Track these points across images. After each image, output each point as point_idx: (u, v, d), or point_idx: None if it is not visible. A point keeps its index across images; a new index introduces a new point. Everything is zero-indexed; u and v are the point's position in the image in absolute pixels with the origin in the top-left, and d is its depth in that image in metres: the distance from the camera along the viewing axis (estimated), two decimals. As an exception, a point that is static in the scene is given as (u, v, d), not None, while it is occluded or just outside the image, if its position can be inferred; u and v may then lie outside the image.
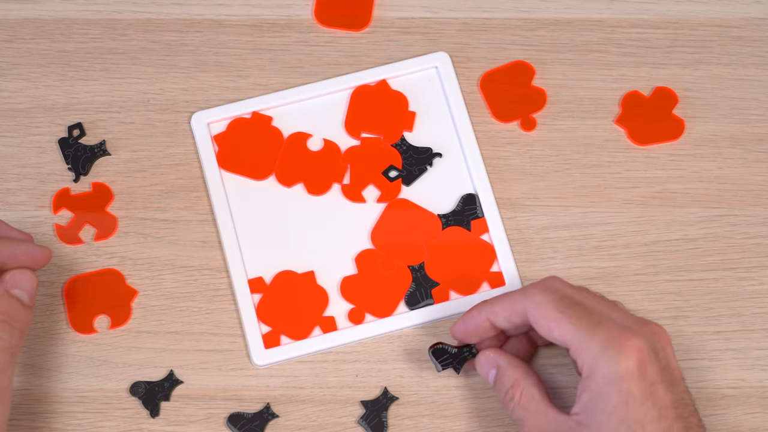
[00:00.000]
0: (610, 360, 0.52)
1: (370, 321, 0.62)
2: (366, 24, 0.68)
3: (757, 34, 0.68)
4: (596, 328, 0.53)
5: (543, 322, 0.55)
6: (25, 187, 0.64)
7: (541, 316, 0.55)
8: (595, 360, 0.53)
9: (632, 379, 0.52)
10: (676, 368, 0.54)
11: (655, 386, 0.52)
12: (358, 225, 0.64)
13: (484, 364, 0.58)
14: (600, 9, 0.69)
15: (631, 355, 0.52)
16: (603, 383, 0.52)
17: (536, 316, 0.55)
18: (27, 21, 0.67)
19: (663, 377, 0.53)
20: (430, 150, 0.65)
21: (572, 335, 0.53)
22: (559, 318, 0.54)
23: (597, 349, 0.53)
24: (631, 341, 0.52)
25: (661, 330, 0.55)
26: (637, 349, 0.52)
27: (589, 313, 0.54)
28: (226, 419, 0.60)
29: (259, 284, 0.62)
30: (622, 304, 0.59)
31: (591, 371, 0.53)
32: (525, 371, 0.57)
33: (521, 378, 0.57)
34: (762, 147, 0.66)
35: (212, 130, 0.65)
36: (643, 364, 0.52)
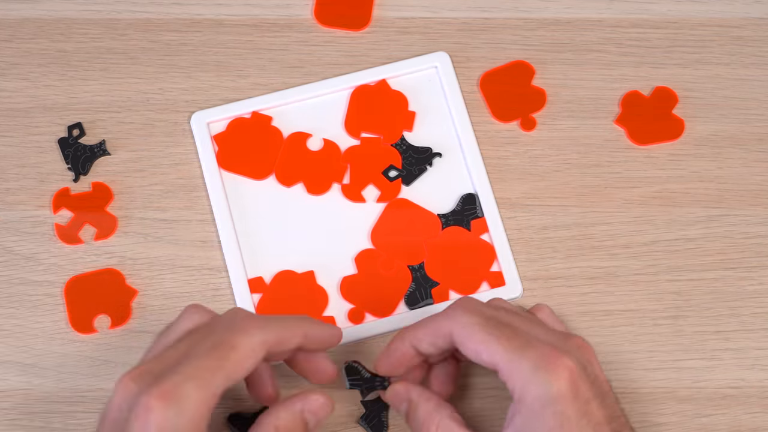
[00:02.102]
0: (542, 382, 0.51)
1: (370, 321, 0.62)
2: (366, 24, 0.68)
3: (757, 34, 0.68)
4: (525, 349, 0.52)
5: (470, 344, 0.53)
6: (25, 186, 0.64)
7: (468, 338, 0.53)
8: (526, 383, 0.51)
9: (566, 400, 0.51)
10: (604, 380, 0.53)
11: (588, 404, 0.51)
12: (358, 225, 0.64)
13: (394, 398, 0.57)
14: (600, 9, 0.69)
15: (563, 376, 0.51)
16: (536, 406, 0.51)
17: (463, 339, 0.53)
18: (27, 21, 0.67)
19: (595, 393, 0.52)
20: (429, 150, 0.65)
21: (501, 357, 0.52)
22: (487, 340, 0.52)
23: (528, 372, 0.51)
24: (560, 361, 0.51)
25: (584, 343, 0.54)
26: (567, 368, 0.51)
27: (517, 333, 0.53)
28: (226, 419, 0.60)
29: (258, 284, 0.62)
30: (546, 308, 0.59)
31: (523, 394, 0.51)
32: (437, 404, 0.56)
33: (434, 411, 0.55)
34: (762, 147, 0.66)
35: (212, 129, 0.65)
36: (575, 383, 0.51)
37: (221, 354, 0.50)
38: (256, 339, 0.51)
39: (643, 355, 0.62)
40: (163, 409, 0.48)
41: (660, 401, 0.61)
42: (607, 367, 0.61)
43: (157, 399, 0.48)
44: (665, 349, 0.62)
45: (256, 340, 0.51)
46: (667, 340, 0.62)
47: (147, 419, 0.48)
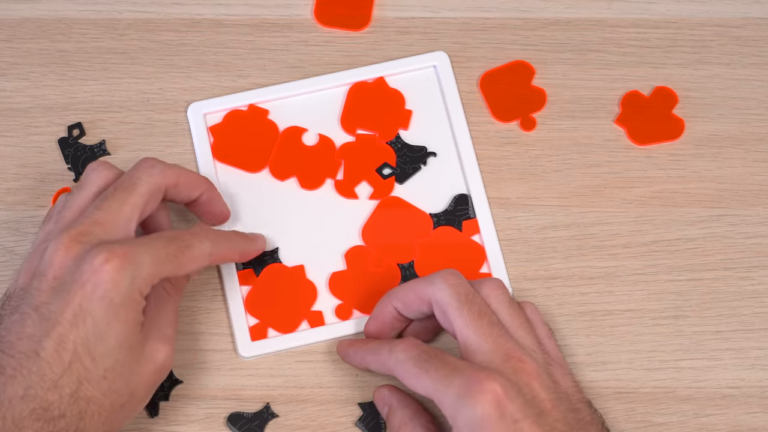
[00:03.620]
0: (466, 407, 0.51)
1: (358, 317, 0.62)
2: (366, 24, 0.68)
3: (757, 34, 0.68)
4: (452, 377, 0.52)
5: (406, 379, 0.54)
6: (25, 186, 0.64)
7: (404, 374, 0.54)
8: (454, 409, 0.52)
9: (492, 422, 0.51)
10: (545, 399, 0.53)
11: (517, 424, 0.51)
12: (350, 221, 0.64)
13: (378, 401, 0.59)
14: (600, 9, 0.69)
15: (486, 399, 0.51)
16: (465, 430, 0.52)
17: (400, 374, 0.55)
18: (27, 21, 0.67)
19: (527, 413, 0.52)
20: (424, 149, 0.65)
21: (432, 389, 0.53)
22: (418, 374, 0.54)
23: (454, 399, 0.52)
24: (484, 384, 0.51)
25: (526, 365, 0.54)
26: (491, 391, 0.51)
27: (445, 363, 0.53)
28: (226, 419, 0.60)
29: (248, 276, 0.62)
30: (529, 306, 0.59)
31: (454, 421, 0.52)
32: (414, 412, 0.57)
33: (409, 420, 0.57)
34: (762, 147, 0.66)
35: (208, 121, 0.65)
36: (500, 404, 0.51)
37: (177, 245, 0.54)
38: (206, 247, 0.56)
39: (643, 355, 0.62)
40: (120, 268, 0.51)
41: (660, 401, 0.61)
42: (608, 367, 0.61)
43: (117, 257, 0.52)
44: (665, 349, 0.62)
45: (206, 249, 0.56)
46: (667, 340, 0.62)
47: (102, 273, 0.51)
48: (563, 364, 0.57)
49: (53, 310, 0.52)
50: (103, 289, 0.51)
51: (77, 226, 0.54)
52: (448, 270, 0.57)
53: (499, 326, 0.55)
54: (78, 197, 0.57)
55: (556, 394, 0.54)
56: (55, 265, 0.53)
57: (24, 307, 0.53)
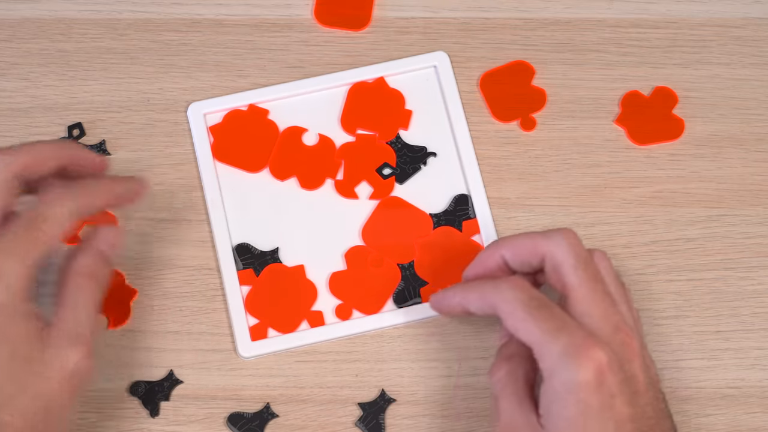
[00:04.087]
0: (568, 367, 0.51)
1: (357, 317, 0.62)
2: (366, 24, 0.68)
3: (757, 34, 0.68)
4: (560, 332, 0.52)
5: (510, 320, 0.54)
6: (25, 186, 0.64)
7: (509, 314, 0.54)
8: (554, 365, 0.52)
9: (589, 389, 0.51)
10: (641, 381, 0.53)
11: (613, 399, 0.51)
12: (350, 221, 0.64)
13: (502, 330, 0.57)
14: (600, 9, 0.69)
15: (590, 366, 0.51)
16: (561, 390, 0.51)
17: (504, 313, 0.54)
18: (27, 21, 0.67)
19: (623, 390, 0.52)
20: (424, 149, 0.65)
21: (536, 338, 0.52)
22: (525, 319, 0.53)
23: (557, 355, 0.52)
24: (591, 351, 0.51)
25: (632, 341, 0.54)
26: (596, 360, 0.51)
27: (554, 315, 0.53)
28: (226, 419, 0.60)
29: (248, 276, 0.62)
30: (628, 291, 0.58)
31: (550, 376, 0.52)
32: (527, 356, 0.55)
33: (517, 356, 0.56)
34: (762, 147, 0.66)
35: (208, 121, 0.65)
36: (602, 375, 0.51)
37: (33, 226, 0.52)
38: (64, 209, 0.53)
39: (643, 355, 0.62)
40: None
41: (660, 401, 0.61)
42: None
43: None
44: (665, 349, 0.62)
45: (66, 210, 0.53)
46: (667, 340, 0.62)
47: None
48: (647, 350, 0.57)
49: None
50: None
51: None
52: (567, 229, 0.56)
53: (611, 296, 0.55)
54: None
55: (649, 378, 0.54)
56: None
57: None
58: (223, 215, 0.63)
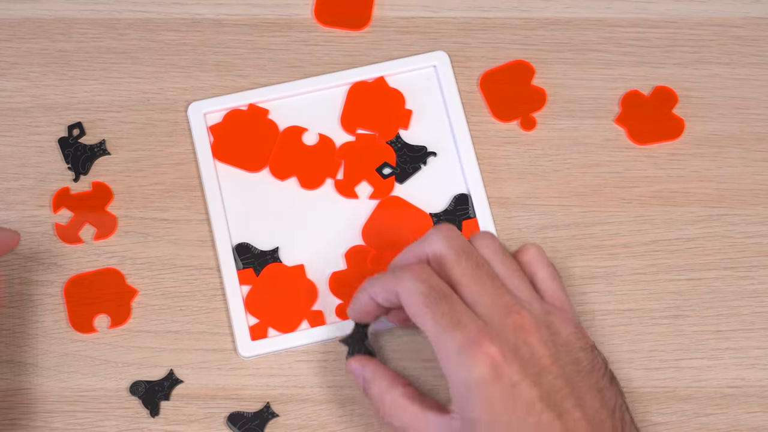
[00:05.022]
0: (464, 366, 0.52)
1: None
2: (366, 23, 0.68)
3: (757, 34, 0.68)
4: (454, 329, 0.52)
5: (410, 310, 0.54)
6: (25, 186, 0.64)
7: (409, 304, 0.54)
8: (451, 365, 0.52)
9: (488, 385, 0.51)
10: (544, 355, 0.53)
11: (515, 387, 0.52)
12: (350, 221, 0.64)
13: (352, 373, 0.58)
14: (600, 9, 0.69)
15: (484, 362, 0.51)
16: (462, 389, 0.52)
17: (405, 303, 0.55)
18: (27, 21, 0.67)
19: (525, 374, 0.52)
20: (424, 149, 0.65)
21: (432, 334, 0.53)
22: (423, 312, 0.53)
23: (453, 354, 0.52)
24: (483, 347, 0.52)
25: (525, 320, 0.53)
26: (489, 355, 0.52)
27: (452, 310, 0.53)
28: (226, 418, 0.60)
29: (248, 276, 0.62)
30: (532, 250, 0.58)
31: (449, 375, 0.53)
32: (390, 382, 0.56)
33: (386, 390, 0.56)
34: (762, 147, 0.66)
35: (208, 120, 0.65)
36: (498, 368, 0.51)
37: None
38: None
39: (643, 355, 0.62)
40: None
41: (660, 401, 0.61)
42: (607, 367, 0.61)
43: None
44: (665, 348, 0.62)
45: None
46: (667, 340, 0.62)
47: None
48: (565, 308, 0.57)
49: None
50: None
51: None
52: (443, 224, 0.57)
53: (497, 278, 0.55)
54: None
55: (555, 347, 0.54)
56: None
57: None
58: (223, 215, 0.63)
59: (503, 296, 0.54)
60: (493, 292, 0.54)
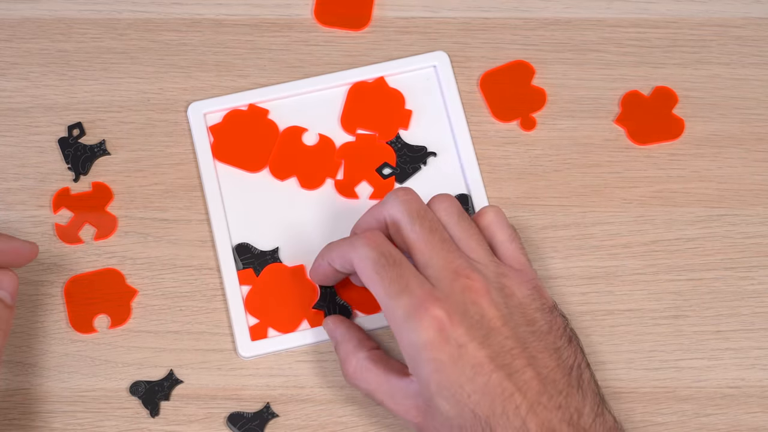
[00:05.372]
0: (411, 330, 0.53)
1: (358, 317, 0.62)
2: (366, 24, 0.68)
3: (757, 34, 0.68)
4: (401, 295, 0.53)
5: (362, 277, 0.55)
6: (25, 186, 0.64)
7: (361, 271, 0.55)
8: (399, 329, 0.53)
9: (435, 347, 0.52)
10: (493, 317, 0.53)
11: (462, 348, 0.52)
12: (350, 221, 0.63)
13: (327, 332, 0.60)
14: (600, 9, 0.69)
15: (430, 325, 0.52)
16: (411, 351, 0.53)
17: (358, 269, 0.56)
18: (27, 21, 0.67)
19: (473, 335, 0.52)
20: (424, 149, 0.65)
21: (382, 301, 0.54)
22: (373, 278, 0.54)
23: (400, 319, 0.53)
24: (429, 310, 0.52)
25: (474, 283, 0.54)
26: (435, 318, 0.52)
27: (400, 276, 0.54)
28: (226, 419, 0.60)
29: (248, 276, 0.62)
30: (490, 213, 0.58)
31: (399, 339, 0.54)
32: (357, 343, 0.58)
33: (352, 352, 0.57)
34: (762, 147, 0.66)
35: (208, 121, 0.65)
36: (444, 330, 0.52)
37: None
38: None
39: (643, 355, 0.62)
40: None
41: (660, 401, 0.61)
42: (608, 367, 0.61)
43: None
44: (665, 348, 0.62)
45: None
46: (667, 340, 0.62)
47: None
48: (524, 269, 0.57)
49: None
50: None
51: None
52: (402, 188, 0.58)
53: (450, 242, 0.56)
54: None
55: (507, 309, 0.54)
56: None
57: None
58: (223, 215, 0.63)
59: (454, 260, 0.55)
60: (444, 255, 0.55)
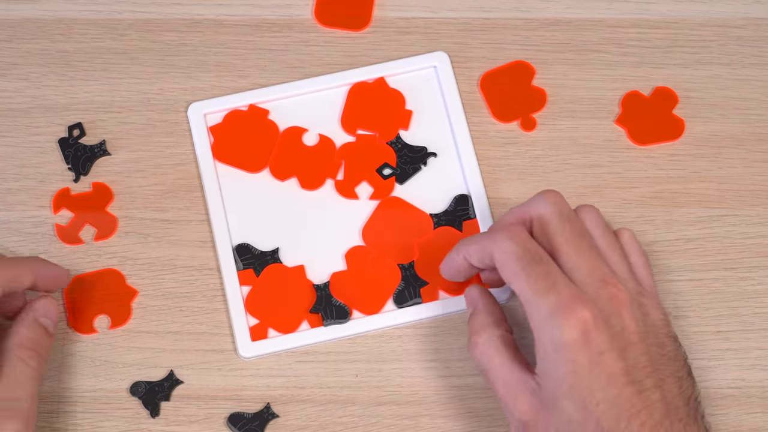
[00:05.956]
0: (554, 327, 0.52)
1: (358, 317, 0.62)
2: (366, 24, 0.68)
3: (757, 34, 0.68)
4: (548, 293, 0.53)
5: (504, 272, 0.55)
6: (25, 187, 0.64)
7: (503, 265, 0.55)
8: (542, 325, 0.53)
9: (576, 348, 0.52)
10: (633, 331, 0.53)
11: (602, 355, 0.52)
12: (350, 221, 0.64)
13: (467, 300, 0.60)
14: (600, 9, 0.69)
15: (576, 326, 0.52)
16: (550, 349, 0.53)
17: (499, 263, 0.55)
18: (27, 21, 0.67)
19: (613, 345, 0.52)
20: (425, 149, 0.65)
21: (526, 296, 0.54)
22: (518, 274, 0.54)
23: (545, 315, 0.53)
24: (577, 311, 0.52)
25: (620, 293, 0.54)
26: (582, 319, 0.52)
27: (547, 274, 0.54)
28: (226, 419, 0.60)
29: (248, 276, 0.62)
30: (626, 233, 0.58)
31: (539, 335, 0.53)
32: (495, 320, 0.57)
33: (488, 326, 0.57)
34: (762, 147, 0.66)
35: (209, 121, 0.65)
36: (588, 334, 0.52)
37: None
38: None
39: (643, 355, 0.62)
40: None
41: (660, 401, 0.61)
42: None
43: None
44: (665, 349, 0.62)
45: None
46: (667, 340, 0.62)
47: None
48: (654, 295, 0.57)
49: None
50: None
51: None
52: (550, 190, 0.57)
53: (597, 250, 0.56)
54: None
55: (644, 327, 0.54)
56: None
57: None
58: (223, 215, 0.63)
59: (602, 267, 0.55)
60: (592, 263, 0.55)
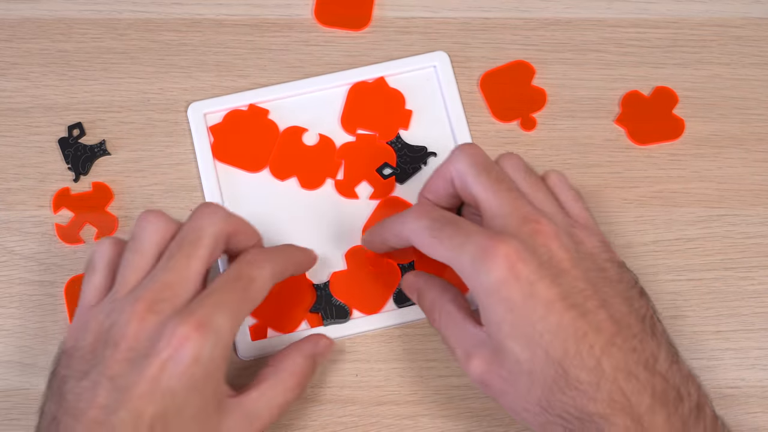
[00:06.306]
0: (480, 272, 0.52)
1: (358, 317, 0.62)
2: (366, 24, 0.68)
3: (757, 34, 0.68)
4: (465, 244, 0.53)
5: (423, 248, 0.55)
6: (25, 186, 0.64)
7: (419, 243, 0.55)
8: (469, 275, 0.53)
9: (506, 285, 0.52)
10: (563, 258, 0.53)
11: (533, 285, 0.52)
12: (350, 221, 0.64)
13: (407, 289, 0.60)
14: (600, 9, 0.69)
15: (499, 263, 0.52)
16: (483, 295, 0.52)
17: (416, 243, 0.56)
18: (27, 21, 0.67)
19: (543, 273, 0.52)
20: (425, 149, 0.65)
21: (447, 257, 0.54)
22: (432, 243, 0.54)
23: (468, 265, 0.53)
24: (497, 248, 0.52)
25: (544, 227, 0.53)
26: (504, 255, 0.52)
27: (458, 229, 0.54)
28: (226, 419, 0.60)
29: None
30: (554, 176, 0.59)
31: (470, 285, 0.53)
32: (440, 291, 0.58)
33: (437, 298, 0.57)
34: (762, 147, 0.66)
35: (208, 121, 0.65)
36: (514, 267, 0.52)
37: (243, 285, 0.54)
38: (267, 272, 0.55)
39: (643, 355, 0.62)
40: (201, 339, 0.51)
41: (660, 401, 0.61)
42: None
43: (195, 329, 0.51)
44: (665, 349, 0.62)
45: (268, 273, 0.55)
46: (667, 340, 0.62)
47: (182, 349, 0.50)
48: (590, 225, 0.57)
49: (130, 382, 0.50)
50: (183, 365, 0.50)
51: (146, 293, 0.52)
52: (466, 143, 0.58)
53: (517, 191, 0.55)
54: (138, 257, 0.54)
55: (578, 254, 0.54)
56: (129, 336, 0.51)
57: (95, 375, 0.51)
58: (223, 215, 0.63)
59: (523, 207, 0.54)
60: (512, 203, 0.55)
